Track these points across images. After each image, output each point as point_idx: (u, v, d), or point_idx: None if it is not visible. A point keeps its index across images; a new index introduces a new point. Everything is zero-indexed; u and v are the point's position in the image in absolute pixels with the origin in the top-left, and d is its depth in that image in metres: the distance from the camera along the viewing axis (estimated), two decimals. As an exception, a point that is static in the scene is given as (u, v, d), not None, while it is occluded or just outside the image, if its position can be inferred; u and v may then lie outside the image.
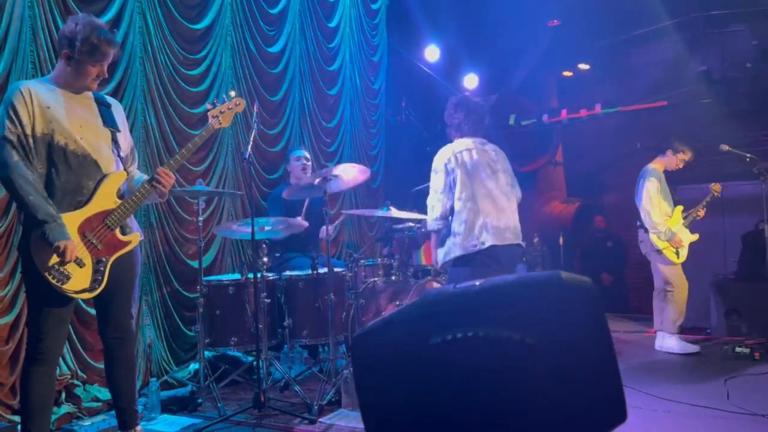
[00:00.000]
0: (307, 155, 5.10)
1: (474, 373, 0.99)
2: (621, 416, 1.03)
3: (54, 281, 2.50)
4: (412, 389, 1.05)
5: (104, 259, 2.67)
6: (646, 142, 5.70)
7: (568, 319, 0.97)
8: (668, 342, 4.94)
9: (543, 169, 9.46)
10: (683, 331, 5.06)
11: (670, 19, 7.27)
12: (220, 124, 3.03)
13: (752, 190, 5.12)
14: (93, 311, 3.54)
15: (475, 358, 0.99)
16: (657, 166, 5.11)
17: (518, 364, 0.97)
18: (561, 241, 7.79)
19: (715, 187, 5.21)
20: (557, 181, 9.67)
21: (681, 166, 5.13)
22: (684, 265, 5.04)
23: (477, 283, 1.05)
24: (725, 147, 5.07)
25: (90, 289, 2.62)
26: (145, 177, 2.87)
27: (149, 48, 4.34)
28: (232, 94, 3.14)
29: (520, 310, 0.99)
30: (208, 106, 3.07)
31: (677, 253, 5.01)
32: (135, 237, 2.81)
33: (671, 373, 4.42)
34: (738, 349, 4.77)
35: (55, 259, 2.51)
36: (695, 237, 5.09)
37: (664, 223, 4.98)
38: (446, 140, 7.57)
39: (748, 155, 5.02)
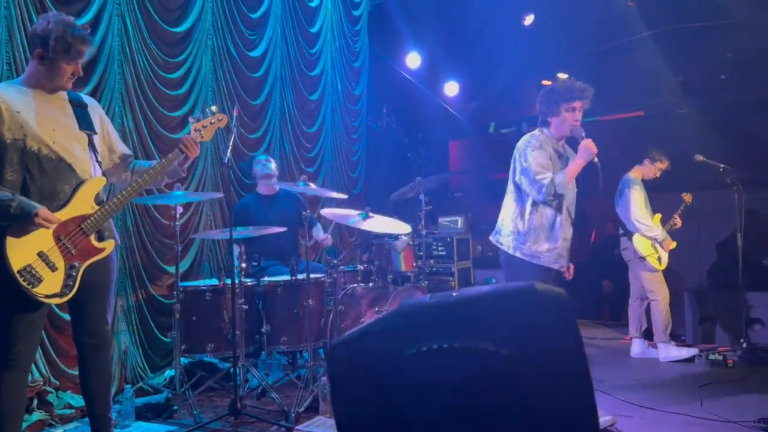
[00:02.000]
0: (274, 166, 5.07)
1: (449, 385, 0.99)
2: (593, 427, 1.03)
3: (25, 284, 2.45)
4: (387, 400, 1.05)
5: (77, 265, 2.63)
6: (624, 151, 5.77)
7: (542, 330, 0.98)
8: (670, 352, 5.00)
9: (522, 177, 9.51)
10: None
11: (648, 30, 7.39)
12: (202, 137, 3.04)
13: (727, 199, 5.21)
14: (67, 316, 3.50)
15: (451, 369, 0.99)
16: (636, 174, 5.19)
17: (493, 375, 0.97)
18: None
19: (686, 197, 5.32)
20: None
21: (658, 174, 5.24)
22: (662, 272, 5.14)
23: (454, 294, 1.06)
24: (699, 157, 5.16)
25: (60, 294, 2.58)
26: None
27: (128, 50, 4.30)
28: (214, 109, 3.19)
29: (496, 322, 1.00)
30: (190, 119, 3.09)
31: (659, 260, 5.10)
32: (110, 244, 2.76)
33: (646, 379, 4.46)
34: (712, 357, 4.85)
35: (27, 260, 2.46)
36: (674, 244, 5.19)
37: (658, 225, 5.08)
38: (424, 147, 7.61)
39: (722, 165, 5.12)
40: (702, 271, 6.21)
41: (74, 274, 2.62)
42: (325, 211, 5.08)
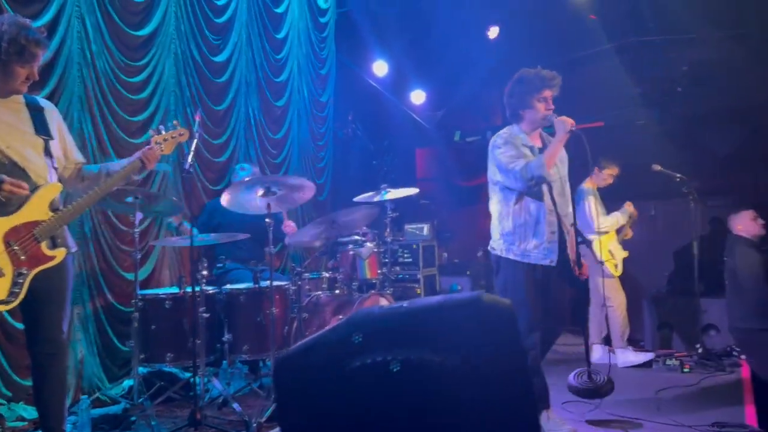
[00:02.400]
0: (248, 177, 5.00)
1: (392, 397, 0.99)
2: (536, 433, 1.05)
3: None
4: (332, 414, 1.04)
5: (25, 271, 2.55)
6: (585, 161, 5.90)
7: (487, 341, 0.98)
8: (628, 357, 5.10)
9: (488, 185, 9.63)
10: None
11: (609, 43, 7.56)
12: (162, 151, 3.02)
13: (684, 208, 5.35)
14: (20, 325, 3.40)
15: (395, 381, 0.99)
16: (589, 185, 5.32)
17: (437, 386, 0.97)
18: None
19: (629, 207, 5.46)
20: (501, 196, 9.85)
21: (610, 181, 5.39)
22: (620, 279, 5.26)
23: (405, 305, 1.06)
24: (657, 167, 5.29)
25: (5, 302, 2.50)
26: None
27: (88, 53, 4.21)
28: (176, 123, 3.18)
29: (443, 332, 1.01)
30: (152, 132, 3.07)
31: (616, 266, 5.22)
32: (60, 252, 2.69)
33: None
34: (669, 362, 4.97)
35: None
36: (626, 253, 5.31)
37: (612, 216, 5.23)
38: (391, 155, 7.62)
39: (678, 176, 5.26)
40: (661, 277, 6.37)
41: (21, 281, 2.54)
42: (290, 240, 5.06)
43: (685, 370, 4.83)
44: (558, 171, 3.48)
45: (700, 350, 5.06)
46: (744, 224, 4.81)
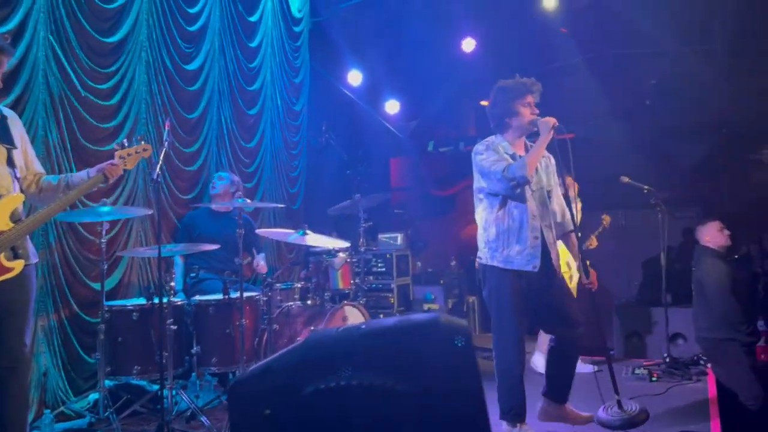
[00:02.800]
0: (222, 189, 5.03)
1: (345, 423, 0.98)
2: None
3: None
4: (287, 440, 1.03)
5: (-17, 284, 2.50)
6: (557, 171, 5.98)
7: (442, 364, 0.98)
8: (540, 361, 5.16)
9: (461, 194, 9.69)
10: (589, 352, 5.28)
11: (580, 56, 7.68)
12: (125, 165, 3.01)
13: (652, 219, 5.44)
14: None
15: (347, 408, 0.98)
16: None
17: (391, 411, 0.97)
18: (477, 264, 7.95)
19: (605, 219, 5.54)
20: (474, 205, 9.92)
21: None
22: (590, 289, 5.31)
23: (363, 326, 1.05)
24: (625, 179, 5.37)
25: None
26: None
27: (53, 60, 4.14)
28: (141, 139, 3.19)
29: (397, 356, 1.00)
30: (116, 146, 3.06)
31: (570, 278, 5.28)
32: (18, 264, 2.63)
33: (575, 394, 4.56)
34: (637, 371, 5.03)
35: None
36: (576, 265, 5.36)
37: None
38: (366, 164, 7.62)
39: (646, 187, 5.34)
40: (631, 287, 6.46)
41: None
42: (262, 231, 5.05)
43: (654, 378, 4.90)
44: (540, 180, 3.48)
45: (667, 359, 5.14)
46: (711, 235, 4.88)
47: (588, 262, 5.36)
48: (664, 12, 6.53)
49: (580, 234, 3.63)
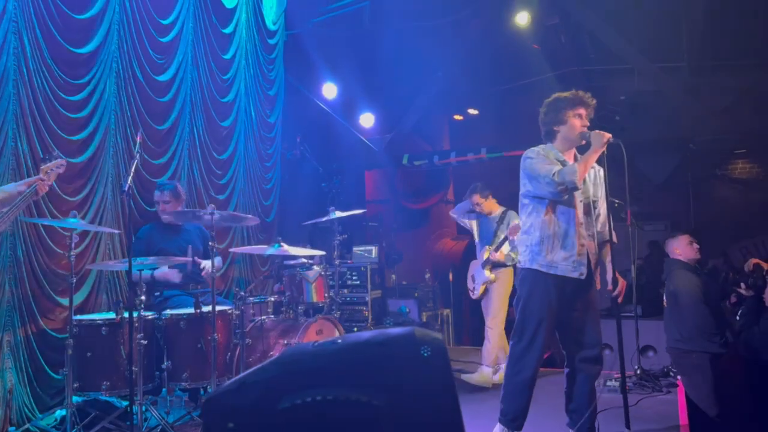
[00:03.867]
0: (165, 198, 4.69)
1: (323, 438, 0.98)
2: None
3: None
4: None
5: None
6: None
7: (417, 379, 0.98)
8: (472, 377, 5.30)
9: (435, 207, 9.76)
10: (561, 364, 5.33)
11: (552, 71, 7.84)
12: (50, 179, 3.08)
13: (623, 232, 5.53)
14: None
15: (324, 422, 0.98)
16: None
17: (365, 427, 0.96)
18: (451, 277, 8.01)
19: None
20: (449, 218, 9.99)
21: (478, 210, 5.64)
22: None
23: (339, 341, 1.05)
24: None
25: None
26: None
27: (24, 70, 4.07)
28: (56, 154, 3.33)
29: (373, 370, 1.00)
30: (43, 167, 3.07)
31: (473, 291, 5.56)
32: None
33: (542, 404, 4.59)
34: (609, 383, 5.08)
35: None
36: (493, 277, 5.49)
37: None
38: (341, 177, 7.63)
39: (617, 201, 5.43)
40: (603, 299, 6.54)
41: None
42: (236, 249, 5.01)
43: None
44: (587, 190, 3.47)
45: (638, 371, 5.21)
46: (681, 248, 4.96)
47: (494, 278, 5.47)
48: (633, 30, 6.70)
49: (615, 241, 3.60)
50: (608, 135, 3.30)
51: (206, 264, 4.37)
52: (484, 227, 5.63)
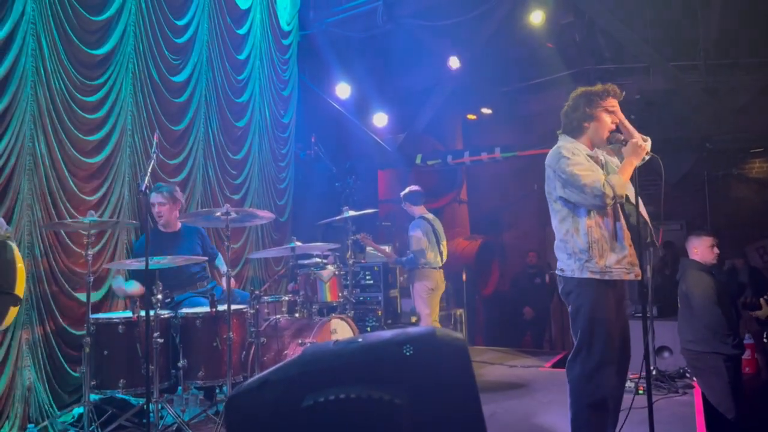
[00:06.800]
0: (161, 199, 4.57)
1: (346, 436, 0.98)
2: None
3: None
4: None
5: None
6: (543, 184, 6.04)
7: (439, 378, 0.99)
8: None
9: (448, 207, 9.74)
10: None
11: (566, 70, 7.79)
12: None
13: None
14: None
15: (346, 421, 0.98)
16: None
17: (389, 425, 0.97)
18: (464, 276, 7.99)
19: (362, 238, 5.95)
20: (461, 218, 9.98)
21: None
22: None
23: (360, 340, 1.05)
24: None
25: None
26: None
27: (42, 72, 4.12)
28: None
29: (394, 369, 1.00)
30: None
31: None
32: None
33: (557, 407, 4.58)
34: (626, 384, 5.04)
35: None
36: None
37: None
38: (354, 177, 7.65)
39: (649, 223, 5.39)
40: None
41: None
42: (254, 255, 5.03)
43: (640, 391, 4.91)
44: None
45: (654, 372, 5.16)
46: (701, 249, 4.89)
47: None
48: (649, 28, 6.65)
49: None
50: (646, 148, 3.12)
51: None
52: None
